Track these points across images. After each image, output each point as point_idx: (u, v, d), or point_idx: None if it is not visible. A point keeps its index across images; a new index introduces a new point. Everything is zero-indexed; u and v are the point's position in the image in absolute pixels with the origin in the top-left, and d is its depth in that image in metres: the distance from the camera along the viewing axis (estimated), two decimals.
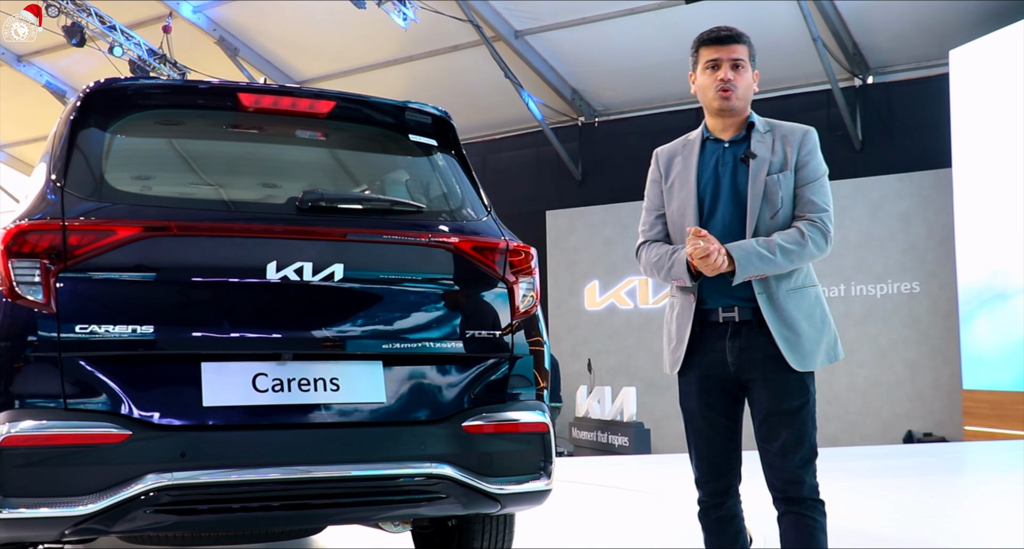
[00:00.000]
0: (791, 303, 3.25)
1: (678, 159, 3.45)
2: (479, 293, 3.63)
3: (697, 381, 3.34)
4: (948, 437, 15.12)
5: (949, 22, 15.17)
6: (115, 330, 3.11)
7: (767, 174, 3.29)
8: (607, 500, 7.80)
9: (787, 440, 3.20)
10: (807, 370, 3.23)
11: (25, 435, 2.99)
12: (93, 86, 3.52)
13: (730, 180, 3.34)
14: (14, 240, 3.11)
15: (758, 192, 3.28)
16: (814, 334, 3.26)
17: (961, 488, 8.60)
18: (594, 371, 16.23)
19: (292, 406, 3.29)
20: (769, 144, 3.34)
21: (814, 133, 3.41)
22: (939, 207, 15.62)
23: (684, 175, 3.40)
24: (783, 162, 3.31)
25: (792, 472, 3.19)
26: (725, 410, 3.34)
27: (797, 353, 3.21)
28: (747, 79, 3.37)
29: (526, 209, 19.26)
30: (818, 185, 3.32)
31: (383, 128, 3.92)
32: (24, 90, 20.07)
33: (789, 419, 3.21)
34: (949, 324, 15.30)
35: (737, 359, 3.26)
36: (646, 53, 16.59)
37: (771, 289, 3.24)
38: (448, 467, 3.40)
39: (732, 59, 3.34)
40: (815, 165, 3.34)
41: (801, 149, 3.33)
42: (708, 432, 3.35)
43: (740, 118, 3.40)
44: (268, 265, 3.29)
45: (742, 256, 3.16)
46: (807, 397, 3.25)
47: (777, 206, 3.27)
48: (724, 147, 3.39)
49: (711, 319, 3.30)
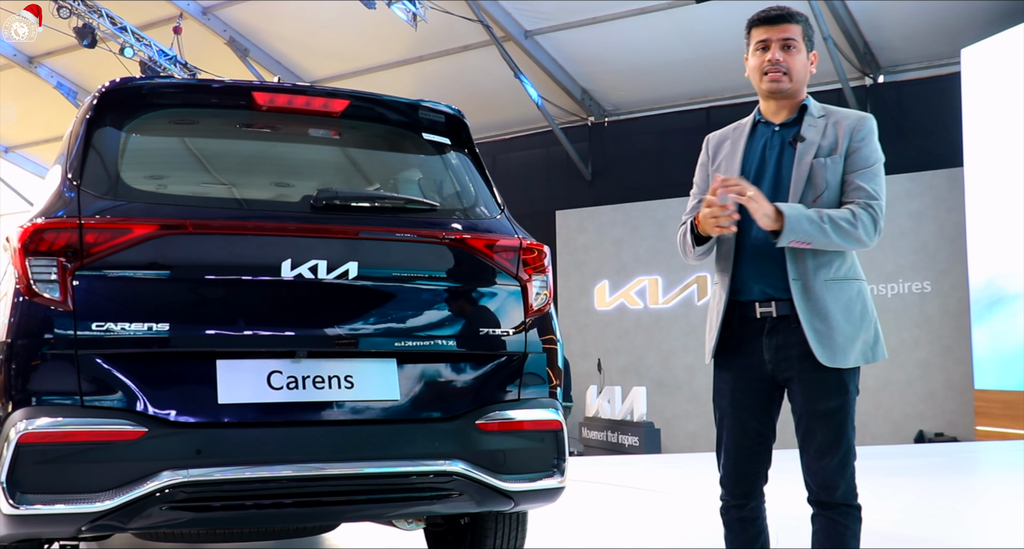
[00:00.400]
0: (828, 294, 3.09)
1: (727, 143, 3.36)
2: (492, 291, 3.63)
3: (732, 380, 3.23)
4: (960, 437, 15.08)
5: (960, 21, 15.14)
6: (131, 328, 3.13)
7: (814, 157, 3.15)
8: (618, 499, 7.81)
9: (823, 441, 3.09)
10: (837, 366, 3.08)
11: (42, 432, 3.00)
12: (109, 85, 3.54)
13: (775, 163, 3.22)
14: (31, 238, 3.13)
15: (802, 174, 3.14)
16: (849, 329, 3.10)
17: (971, 488, 8.58)
18: (604, 371, 16.23)
19: (307, 403, 3.30)
20: (821, 128, 3.19)
21: (871, 120, 3.24)
22: (951, 206, 15.59)
23: (730, 157, 3.30)
24: (833, 146, 3.16)
25: (827, 475, 3.09)
26: (758, 412, 3.22)
27: (826, 347, 3.07)
28: (800, 60, 3.22)
29: (536, 209, 19.26)
30: (871, 172, 3.15)
31: (396, 127, 3.93)
32: (36, 91, 20.16)
33: (825, 420, 3.09)
34: (960, 324, 15.26)
35: (774, 357, 3.13)
36: (656, 53, 16.59)
37: (807, 276, 3.09)
38: (462, 464, 3.40)
39: (782, 39, 3.20)
40: (868, 152, 3.17)
41: (854, 135, 3.17)
42: (737, 433, 3.24)
43: (793, 101, 3.25)
44: (283, 263, 3.30)
45: (792, 214, 2.99)
46: (845, 397, 3.10)
47: (820, 189, 3.12)
48: (774, 130, 3.26)
49: (749, 314, 3.18)
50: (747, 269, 3.18)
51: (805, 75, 3.25)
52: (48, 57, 19.46)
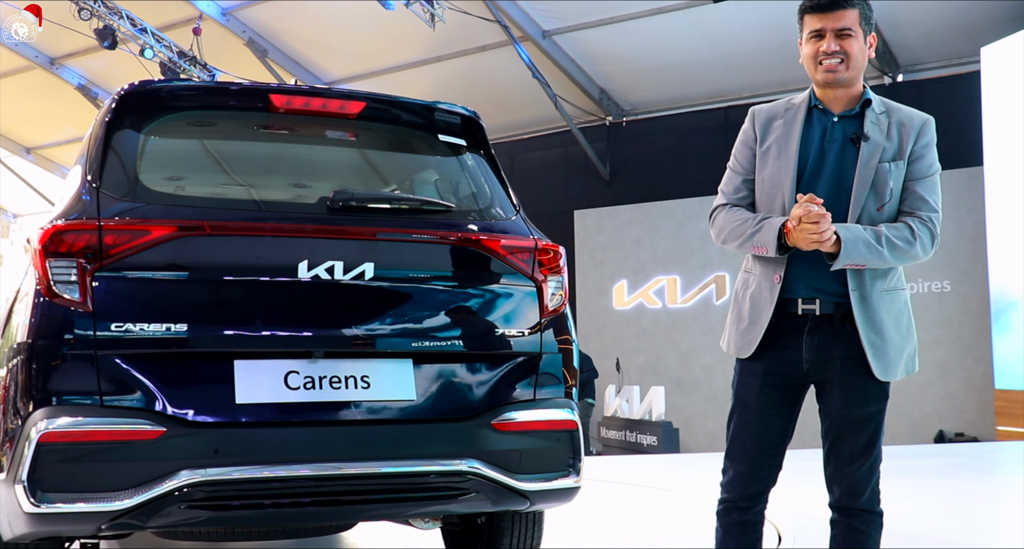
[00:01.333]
0: (883, 305, 3.01)
1: (778, 122, 3.15)
2: (508, 291, 3.65)
3: (763, 375, 3.09)
4: (980, 437, 15.00)
5: (980, 19, 15.06)
6: (150, 328, 3.16)
7: (879, 161, 3.00)
8: (636, 499, 7.81)
9: (855, 447, 3.02)
10: (888, 380, 3.01)
11: (62, 431, 3.04)
12: (127, 88, 3.58)
13: (836, 159, 3.05)
14: (51, 240, 3.16)
15: (867, 179, 2.99)
16: (900, 342, 3.03)
17: (991, 488, 8.54)
18: (623, 370, 16.22)
19: (323, 403, 3.32)
20: (884, 127, 3.05)
21: (933, 123, 3.11)
22: (970, 205, 15.50)
23: (784, 142, 3.10)
24: (898, 150, 3.02)
25: (855, 481, 3.02)
26: (785, 410, 3.12)
27: (882, 360, 2.99)
28: (858, 47, 3.04)
29: (554, 209, 19.27)
30: (931, 182, 3.05)
31: (413, 128, 3.95)
32: (57, 93, 20.29)
33: (861, 426, 3.02)
34: (981, 323, 15.18)
35: (814, 357, 3.02)
36: (674, 52, 16.56)
37: (866, 287, 2.99)
38: (478, 464, 3.43)
39: (837, 29, 3.03)
40: (930, 160, 3.06)
41: (919, 139, 3.05)
42: (760, 430, 3.11)
43: (853, 91, 3.09)
44: (300, 264, 3.33)
45: (850, 239, 2.88)
46: (883, 404, 3.05)
47: (885, 198, 3.00)
48: (833, 121, 3.09)
49: (788, 310, 3.04)
50: (799, 269, 3.04)
51: (863, 62, 3.08)
52: (69, 59, 19.58)
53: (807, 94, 3.18)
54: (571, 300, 14.48)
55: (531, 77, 17.05)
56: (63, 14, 15.69)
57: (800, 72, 3.25)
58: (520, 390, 3.60)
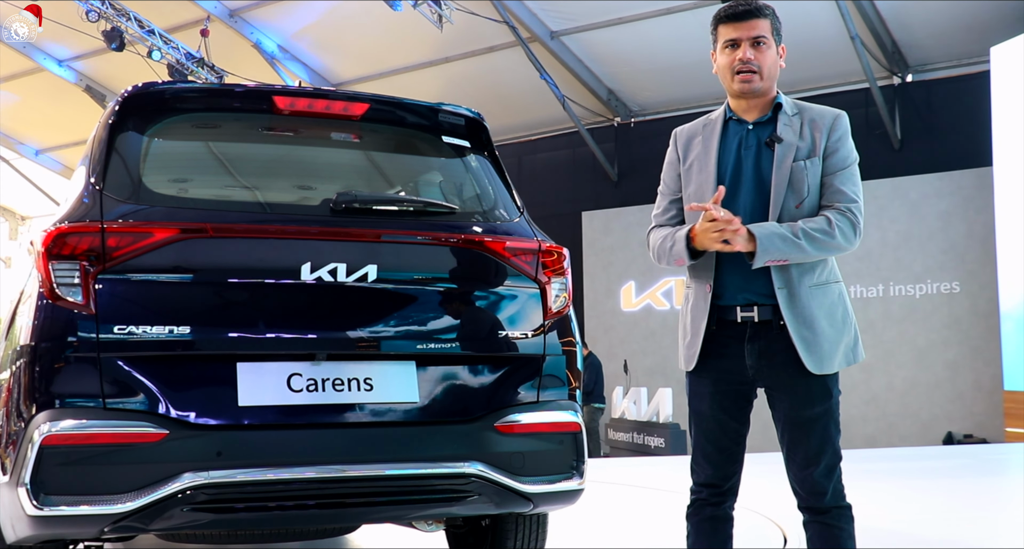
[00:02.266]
0: (813, 300, 3.04)
1: (697, 140, 3.24)
2: (512, 293, 3.64)
3: (712, 384, 3.16)
4: (989, 438, 14.94)
5: (990, 19, 15.01)
6: (152, 331, 3.16)
7: (793, 160, 3.06)
8: (642, 501, 7.80)
9: (809, 449, 3.05)
10: (824, 373, 3.04)
11: (65, 434, 3.05)
12: (131, 90, 3.58)
13: (753, 164, 3.12)
14: (54, 242, 3.17)
15: (783, 179, 3.06)
16: (833, 334, 3.06)
17: (998, 490, 8.51)
18: (630, 372, 16.20)
19: (326, 406, 3.32)
20: (797, 128, 3.11)
21: (845, 117, 3.17)
22: (979, 206, 15.45)
23: (704, 157, 3.19)
24: (811, 148, 3.08)
25: (816, 482, 3.05)
26: (737, 413, 3.17)
27: (814, 354, 3.02)
28: (771, 56, 3.12)
29: (562, 210, 19.25)
30: (848, 174, 3.09)
31: (416, 130, 3.95)
32: (65, 94, 20.33)
33: (811, 426, 3.06)
34: (990, 324, 15.13)
35: (756, 363, 3.07)
36: (682, 53, 16.54)
37: (792, 284, 3.03)
38: (481, 466, 3.42)
39: (752, 37, 3.09)
40: (845, 152, 3.10)
41: (831, 134, 3.10)
42: (717, 435, 3.18)
43: (766, 99, 3.16)
44: (302, 266, 3.33)
45: (764, 236, 2.94)
46: (829, 402, 3.07)
47: (803, 194, 3.05)
48: (748, 129, 3.16)
49: (728, 317, 3.10)
50: (729, 275, 3.10)
51: (776, 71, 3.16)
52: (78, 60, 19.61)
53: (722, 108, 3.26)
54: (578, 301, 14.51)
55: (539, 78, 17.04)
56: (71, 16, 15.73)
57: (806, 73, 3.28)
58: (523, 392, 3.60)
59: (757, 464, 4.38)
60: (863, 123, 16.41)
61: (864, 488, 6.67)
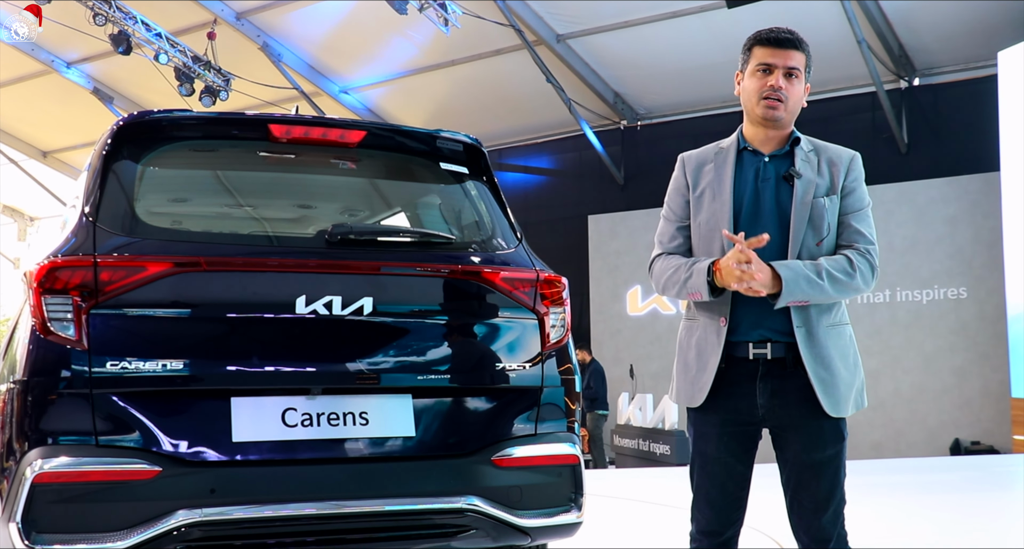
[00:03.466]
0: (830, 341, 2.99)
1: (709, 167, 3.16)
2: (509, 325, 3.61)
3: (719, 424, 3.06)
4: (996, 445, 14.87)
5: (997, 23, 14.92)
6: (146, 366, 3.14)
7: (814, 196, 3.02)
8: (648, 517, 7.75)
9: (818, 494, 2.98)
10: (839, 415, 2.98)
11: (57, 472, 3.03)
12: (125, 120, 3.55)
13: (772, 198, 3.05)
14: (47, 277, 3.14)
15: (804, 215, 3.00)
16: (848, 376, 3.01)
17: (1007, 505, 8.45)
18: (636, 377, 16.16)
19: (322, 441, 3.30)
20: (815, 164, 3.07)
21: (860, 159, 3.15)
22: (987, 211, 15.37)
23: (717, 186, 3.10)
24: (830, 186, 3.05)
25: (823, 528, 2.98)
26: (743, 456, 3.08)
27: (832, 396, 2.95)
28: (799, 91, 3.08)
29: (568, 213, 19.21)
30: (863, 214, 3.08)
31: (414, 156, 3.92)
32: (72, 96, 20.35)
33: (822, 469, 2.98)
34: (997, 330, 15.05)
35: (768, 403, 2.98)
36: (689, 56, 16.48)
37: (812, 323, 2.97)
38: (478, 500, 3.40)
39: (787, 67, 3.04)
40: (861, 193, 3.10)
41: (848, 174, 3.08)
42: (722, 479, 3.07)
43: (784, 132, 3.12)
44: (297, 299, 3.30)
45: (790, 277, 2.87)
46: (841, 445, 3.01)
47: (823, 233, 3.01)
48: (764, 161, 3.10)
49: (739, 354, 3.00)
50: (744, 310, 3.01)
51: (799, 107, 3.12)
52: (84, 62, 19.62)
53: (735, 137, 3.18)
54: (584, 305, 14.43)
55: (545, 81, 16.99)
56: (78, 18, 15.72)
57: (815, 77, 3.21)
58: (521, 425, 3.57)
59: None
60: (870, 127, 16.35)
61: (872, 503, 6.64)
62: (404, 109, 19.93)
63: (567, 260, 18.82)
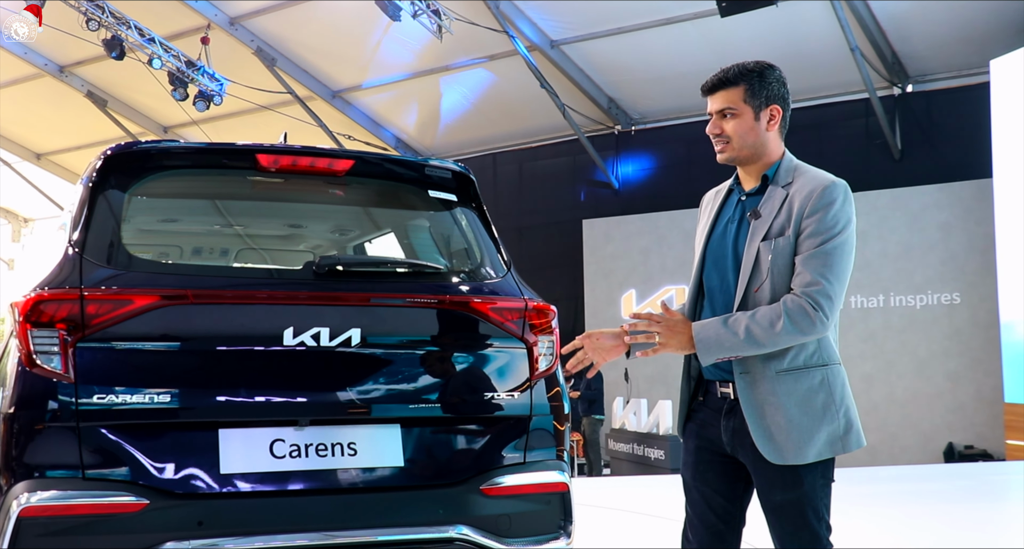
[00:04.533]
0: (781, 387, 2.86)
1: (708, 207, 3.18)
2: (498, 354, 3.61)
3: (694, 452, 3.09)
4: (990, 450, 14.91)
5: (990, 31, 14.96)
6: (133, 399, 3.13)
7: (762, 239, 2.90)
8: (641, 530, 7.75)
9: (782, 534, 2.92)
10: (787, 464, 2.85)
11: (43, 505, 3.02)
12: (112, 150, 3.53)
13: (732, 241, 3.02)
14: (32, 310, 3.13)
15: (749, 259, 2.91)
16: (808, 422, 2.85)
17: (1000, 516, 8.46)
18: (631, 381, 16.16)
19: (310, 472, 3.30)
20: (779, 200, 2.92)
21: (833, 189, 2.87)
22: (979, 218, 15.40)
23: (702, 227, 3.15)
24: (784, 224, 2.88)
25: None
26: (721, 488, 3.04)
27: (772, 443, 2.85)
28: (741, 125, 2.97)
29: (562, 218, 19.23)
30: (819, 253, 2.82)
31: (403, 184, 3.90)
32: (66, 100, 20.35)
33: (779, 513, 2.91)
34: (991, 335, 15.08)
35: (731, 440, 2.98)
36: (682, 63, 16.49)
37: (755, 370, 2.88)
38: (467, 529, 3.40)
39: (718, 110, 3.00)
40: (820, 228, 2.84)
41: (808, 209, 2.85)
42: (702, 507, 3.06)
43: (759, 166, 3.01)
44: (285, 331, 3.30)
45: (703, 337, 2.85)
46: (798, 491, 2.87)
47: (762, 277, 2.88)
48: (741, 199, 3.06)
49: (712, 390, 3.05)
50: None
51: (755, 138, 2.98)
52: (78, 67, 19.60)
53: (733, 176, 3.17)
54: (580, 310, 14.38)
55: (539, 87, 17.00)
56: (71, 23, 15.70)
57: (806, 83, 3.22)
58: (510, 453, 3.57)
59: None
60: (863, 133, 16.36)
61: (867, 514, 6.64)
62: (398, 114, 19.93)
63: (562, 264, 18.83)
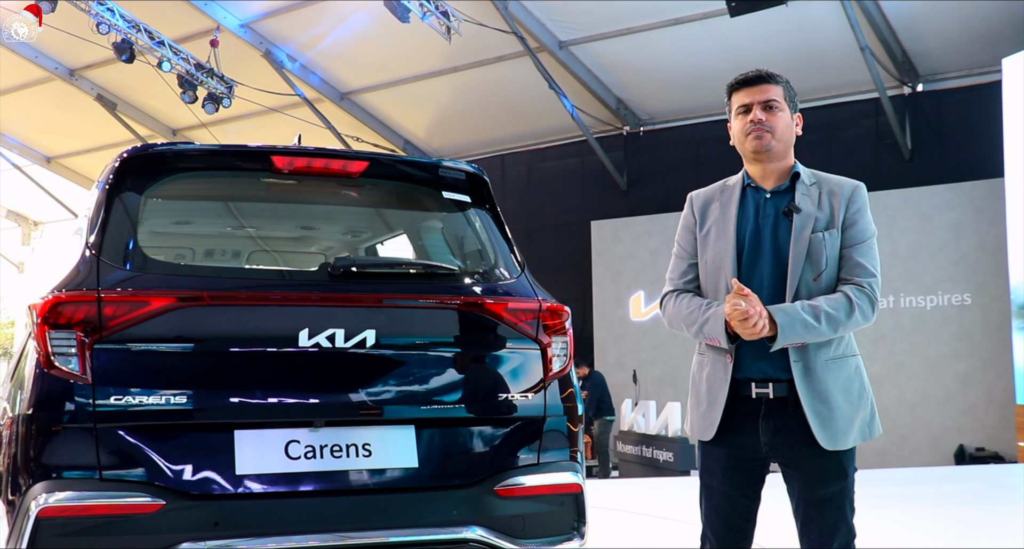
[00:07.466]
0: (829, 375, 3.01)
1: (715, 205, 3.22)
2: (512, 355, 3.62)
3: (724, 459, 3.13)
4: (1001, 452, 14.85)
5: (1001, 29, 14.91)
6: (149, 400, 3.15)
7: (812, 231, 3.04)
8: (653, 532, 7.75)
9: (824, 528, 3.02)
10: (837, 449, 3.00)
11: (61, 506, 3.04)
12: (128, 153, 3.55)
13: (771, 234, 3.09)
14: (51, 312, 3.16)
15: (801, 251, 3.03)
16: (849, 409, 3.02)
17: (1010, 519, 8.44)
18: (640, 383, 16.16)
19: (325, 472, 3.31)
20: (815, 198, 3.10)
21: (864, 189, 3.16)
22: (991, 218, 15.35)
23: (722, 224, 3.16)
24: (830, 219, 3.06)
25: None
26: (749, 490, 3.15)
27: (828, 430, 2.98)
28: (784, 120, 3.13)
29: (571, 219, 19.21)
30: (866, 247, 3.08)
31: (417, 186, 3.91)
32: (77, 103, 20.40)
33: (824, 506, 3.03)
34: (1002, 337, 15.03)
35: (771, 440, 3.04)
36: (691, 63, 16.49)
37: (809, 358, 3.00)
38: (481, 531, 3.42)
39: (763, 101, 3.13)
40: (864, 225, 3.10)
41: (850, 206, 3.08)
42: (727, 511, 3.15)
43: (782, 166, 3.16)
44: (300, 332, 3.31)
45: (786, 322, 2.92)
46: (845, 481, 3.04)
47: (821, 267, 3.03)
48: (766, 197, 3.14)
49: (743, 392, 3.07)
50: (748, 347, 3.06)
51: (790, 136, 3.16)
52: (88, 70, 19.65)
53: (740, 175, 3.23)
54: (588, 311, 14.37)
55: (548, 87, 16.99)
56: (82, 27, 15.74)
57: (816, 83, 3.25)
58: (524, 454, 3.58)
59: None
60: (873, 133, 16.32)
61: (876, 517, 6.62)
62: (406, 115, 19.95)
63: (570, 266, 18.82)
